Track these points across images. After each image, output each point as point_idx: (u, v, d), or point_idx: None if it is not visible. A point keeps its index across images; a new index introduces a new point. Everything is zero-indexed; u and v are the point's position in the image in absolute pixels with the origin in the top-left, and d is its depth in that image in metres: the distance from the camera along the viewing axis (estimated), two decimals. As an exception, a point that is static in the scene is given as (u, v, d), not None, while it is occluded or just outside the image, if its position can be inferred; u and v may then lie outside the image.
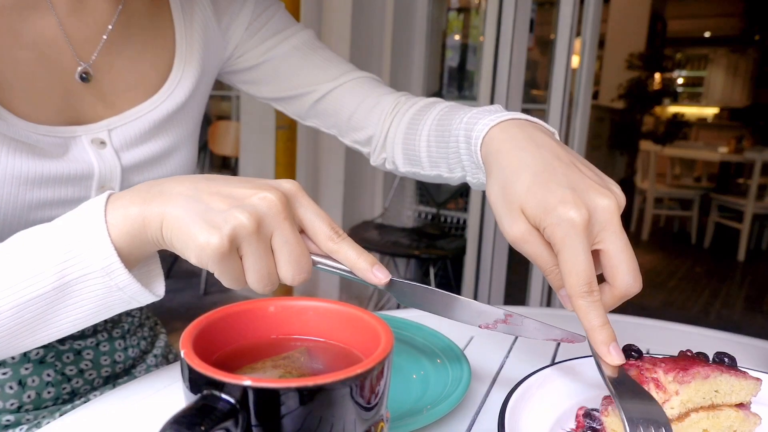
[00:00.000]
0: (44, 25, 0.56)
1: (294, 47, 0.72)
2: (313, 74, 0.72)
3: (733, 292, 3.79)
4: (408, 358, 0.59)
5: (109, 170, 0.59)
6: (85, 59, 0.59)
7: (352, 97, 0.71)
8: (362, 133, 0.72)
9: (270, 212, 0.39)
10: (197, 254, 0.38)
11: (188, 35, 0.66)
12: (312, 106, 0.73)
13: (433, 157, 0.64)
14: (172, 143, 0.65)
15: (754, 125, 7.31)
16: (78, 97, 0.59)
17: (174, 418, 0.25)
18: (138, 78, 0.63)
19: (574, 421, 0.46)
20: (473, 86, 2.94)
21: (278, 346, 0.35)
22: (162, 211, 0.40)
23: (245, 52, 0.73)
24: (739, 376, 0.44)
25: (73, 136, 0.58)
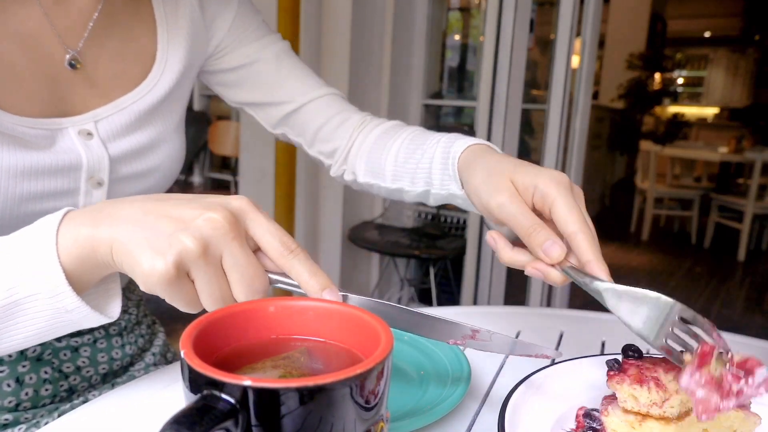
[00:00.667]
0: (28, 16, 0.56)
1: (275, 56, 0.74)
2: (291, 85, 0.73)
3: (733, 292, 3.79)
4: (408, 358, 0.59)
5: (97, 161, 0.60)
6: (72, 48, 0.59)
7: (323, 112, 0.74)
8: (328, 146, 0.75)
9: (216, 233, 0.38)
10: (144, 281, 0.38)
11: (171, 27, 0.67)
12: (285, 116, 0.74)
13: (398, 172, 0.68)
14: (158, 134, 0.65)
15: (754, 125, 7.30)
16: (64, 88, 0.59)
17: (174, 418, 0.25)
18: (122, 69, 0.63)
19: (574, 421, 0.46)
20: (473, 86, 2.94)
21: (278, 346, 0.35)
22: (110, 235, 0.39)
23: (226, 54, 0.73)
24: (739, 376, 0.44)
25: (60, 128, 0.58)
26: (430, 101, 2.85)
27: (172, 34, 0.67)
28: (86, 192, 0.60)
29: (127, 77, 0.63)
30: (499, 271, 2.54)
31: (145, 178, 0.65)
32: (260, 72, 0.73)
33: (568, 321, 0.74)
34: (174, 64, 0.66)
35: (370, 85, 2.64)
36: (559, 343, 0.68)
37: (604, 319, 0.75)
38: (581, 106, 2.39)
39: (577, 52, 2.32)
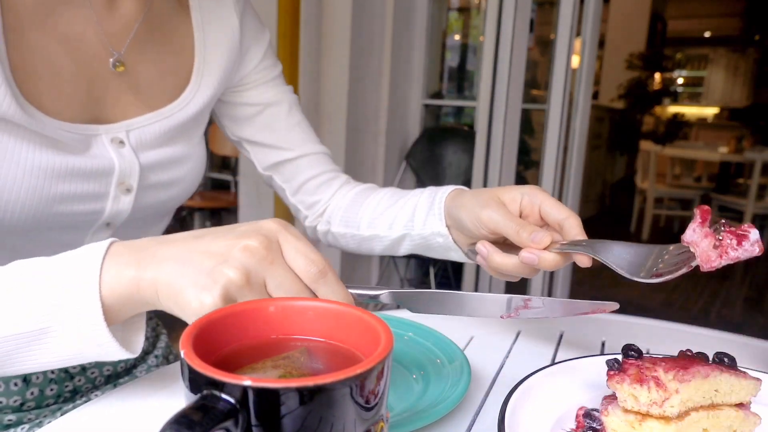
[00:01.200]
0: (76, 18, 0.58)
1: (289, 105, 0.77)
2: (295, 136, 0.77)
3: (733, 292, 3.79)
4: (408, 358, 0.59)
5: (128, 167, 0.62)
6: (116, 50, 0.61)
7: (315, 168, 0.78)
8: (310, 198, 0.79)
9: (255, 260, 0.39)
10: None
11: (209, 47, 0.69)
12: (281, 162, 0.77)
13: (375, 220, 0.72)
14: (185, 148, 0.68)
15: (754, 125, 7.30)
16: (102, 92, 0.61)
17: (174, 418, 0.25)
18: (159, 80, 0.65)
19: (574, 421, 0.46)
20: (473, 86, 2.94)
21: (278, 346, 0.35)
22: (155, 277, 0.40)
23: (248, 89, 0.75)
24: (739, 376, 0.44)
25: (95, 134, 0.60)
26: (430, 101, 2.85)
27: (210, 54, 0.69)
28: (115, 197, 0.62)
29: (162, 89, 0.65)
30: (499, 271, 2.54)
31: (171, 188, 0.67)
32: (274, 116, 0.76)
33: (568, 321, 0.74)
34: (208, 83, 0.68)
35: (370, 85, 2.64)
36: (559, 343, 0.68)
37: (604, 319, 0.75)
38: (581, 106, 2.39)
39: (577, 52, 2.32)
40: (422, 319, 0.65)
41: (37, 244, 0.60)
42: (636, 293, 3.67)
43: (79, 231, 0.62)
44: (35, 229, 0.58)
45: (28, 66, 0.55)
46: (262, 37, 0.76)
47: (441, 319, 0.72)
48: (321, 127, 2.64)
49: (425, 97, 2.83)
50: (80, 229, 0.62)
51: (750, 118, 7.53)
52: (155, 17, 0.64)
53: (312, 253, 0.41)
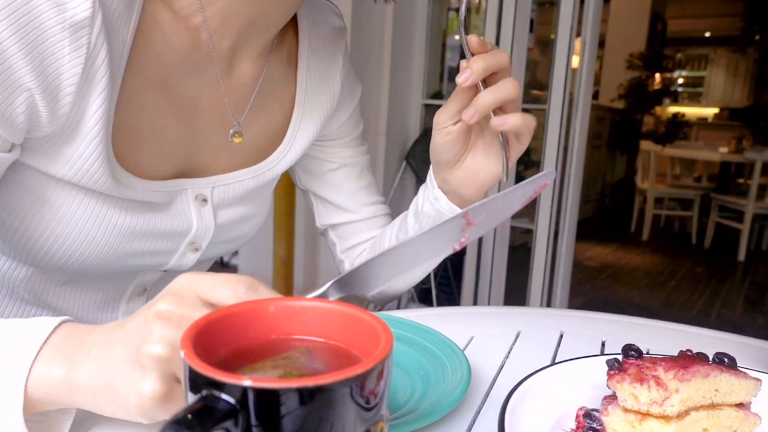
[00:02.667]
0: (202, 83, 0.57)
1: (362, 168, 0.77)
2: (360, 197, 0.77)
3: (733, 292, 3.79)
4: (408, 358, 0.59)
5: (205, 229, 0.62)
6: (236, 120, 0.61)
7: (371, 231, 0.78)
8: (359, 258, 0.78)
9: (172, 324, 0.35)
10: (142, 411, 0.35)
11: (308, 107, 0.68)
12: (340, 223, 0.77)
13: (393, 233, 0.72)
14: (260, 206, 0.68)
15: (754, 125, 7.29)
16: (202, 152, 0.60)
17: (174, 418, 0.25)
18: (255, 140, 0.64)
19: (574, 421, 0.46)
20: (473, 86, 2.93)
21: (278, 346, 0.35)
22: (87, 382, 0.37)
23: (329, 145, 0.74)
24: (739, 376, 0.44)
25: (181, 189, 0.59)
26: (430, 101, 2.85)
27: (307, 116, 0.68)
28: (182, 254, 0.62)
29: (257, 147, 0.65)
30: (499, 271, 2.54)
31: (236, 242, 0.68)
32: (346, 176, 0.76)
33: (568, 321, 0.74)
34: (300, 144, 0.68)
35: (370, 85, 2.64)
36: (559, 343, 0.68)
37: (604, 319, 0.75)
38: (581, 106, 2.39)
39: (577, 52, 2.32)
40: (423, 320, 0.65)
41: (92, 277, 0.61)
42: (636, 293, 3.67)
43: (136, 273, 0.63)
44: (95, 273, 0.59)
45: (136, 128, 0.54)
46: (355, 95, 0.75)
47: (441, 319, 0.72)
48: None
49: (425, 97, 2.83)
50: (136, 275, 0.63)
51: (750, 118, 7.53)
52: (269, 82, 0.63)
53: (233, 277, 0.38)
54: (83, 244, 0.54)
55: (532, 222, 2.54)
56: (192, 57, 0.55)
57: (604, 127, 5.95)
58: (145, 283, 0.66)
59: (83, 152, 0.50)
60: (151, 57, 0.53)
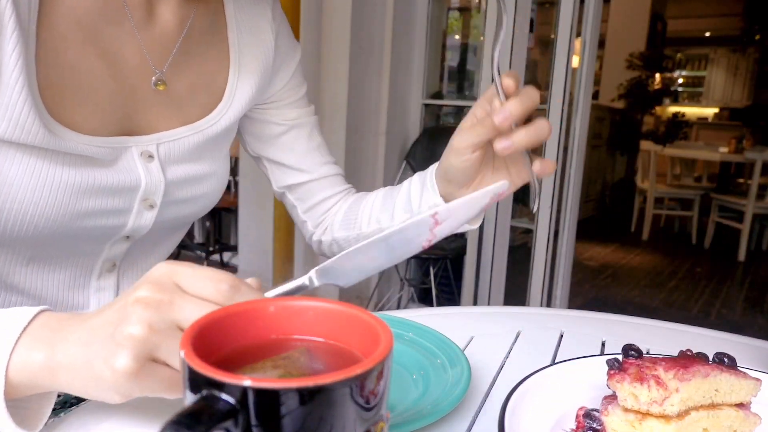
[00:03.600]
0: (119, 34, 0.58)
1: (311, 127, 0.78)
2: (313, 157, 0.78)
3: (733, 292, 3.79)
4: (408, 358, 0.59)
5: (154, 184, 0.62)
6: (158, 68, 0.62)
7: (329, 189, 0.79)
8: (320, 218, 0.80)
9: (151, 308, 0.36)
10: (116, 386, 0.36)
11: (243, 64, 0.69)
12: (297, 184, 0.78)
13: (374, 214, 0.73)
14: (211, 165, 0.68)
15: (754, 125, 7.29)
16: (137, 107, 0.61)
17: (174, 418, 0.25)
18: (193, 95, 0.65)
19: (574, 421, 0.46)
20: (473, 86, 2.94)
21: (278, 346, 0.35)
22: (66, 362, 0.38)
23: (273, 108, 0.76)
24: (739, 376, 0.44)
25: (125, 147, 0.60)
26: (430, 101, 2.85)
27: (244, 71, 0.69)
28: (138, 212, 0.62)
29: (197, 104, 0.66)
30: (499, 271, 2.54)
31: (193, 203, 0.68)
32: (296, 138, 0.77)
33: (568, 321, 0.74)
34: (240, 99, 0.69)
35: (370, 85, 2.64)
36: (559, 343, 0.68)
37: (604, 319, 0.75)
38: (581, 106, 2.39)
39: (577, 52, 2.32)
40: (423, 319, 0.65)
41: (55, 252, 0.61)
42: (636, 293, 3.67)
43: (98, 242, 0.63)
44: (55, 242, 0.58)
45: (62, 83, 0.55)
46: (294, 56, 0.76)
47: (441, 319, 0.72)
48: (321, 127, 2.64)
49: (425, 97, 2.83)
50: (100, 242, 0.63)
51: (750, 118, 7.53)
52: (194, 35, 0.65)
53: (216, 274, 0.38)
54: (31, 205, 0.54)
55: (532, 222, 2.54)
56: (107, 7, 0.57)
57: (604, 127, 5.95)
58: (113, 257, 0.65)
59: (8, 102, 0.50)
60: (63, 11, 0.54)
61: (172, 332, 0.36)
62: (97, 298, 0.66)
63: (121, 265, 0.67)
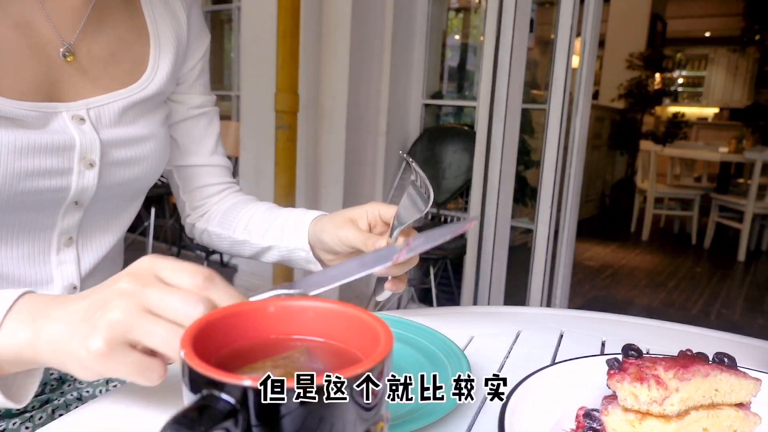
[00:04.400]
0: (24, 7, 0.61)
1: (211, 117, 0.83)
2: (207, 144, 0.82)
3: (733, 292, 3.79)
4: (408, 358, 0.59)
5: (89, 142, 0.64)
6: (66, 40, 0.64)
7: (212, 178, 0.83)
8: (198, 202, 0.84)
9: (128, 296, 0.39)
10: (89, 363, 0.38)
11: (162, 38, 0.73)
12: (184, 165, 0.82)
13: (248, 227, 0.78)
14: (146, 128, 0.70)
15: (754, 125, 7.29)
16: (58, 76, 0.63)
17: (174, 418, 0.25)
18: (115, 67, 0.69)
19: (574, 421, 0.46)
20: (473, 86, 2.94)
21: (278, 346, 0.35)
22: (47, 338, 0.40)
23: (182, 89, 0.79)
24: (739, 376, 0.44)
25: (55, 112, 0.62)
26: (430, 101, 2.85)
27: (163, 43, 0.73)
28: (79, 172, 0.63)
29: (119, 74, 0.69)
30: (499, 271, 2.54)
31: (135, 166, 0.69)
32: (195, 124, 0.81)
33: (568, 321, 0.74)
34: (163, 69, 0.73)
35: (370, 85, 2.64)
36: (559, 343, 0.68)
37: (604, 319, 0.75)
38: (581, 106, 2.39)
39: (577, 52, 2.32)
40: (422, 319, 0.65)
41: (10, 225, 0.62)
42: (636, 293, 3.67)
43: (49, 211, 0.64)
44: (5, 210, 0.60)
45: None
46: (204, 41, 0.80)
47: (441, 319, 0.72)
48: (321, 127, 2.64)
49: (425, 97, 2.83)
50: (50, 209, 0.64)
51: (750, 118, 7.53)
52: (104, 8, 0.67)
53: (192, 266, 0.41)
54: None
55: (532, 222, 2.54)
56: None
57: (604, 127, 5.95)
58: (68, 229, 0.67)
59: None
60: None
61: (146, 317, 0.38)
62: (60, 272, 0.67)
63: (78, 239, 0.69)
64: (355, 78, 2.55)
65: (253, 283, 3.09)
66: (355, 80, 2.56)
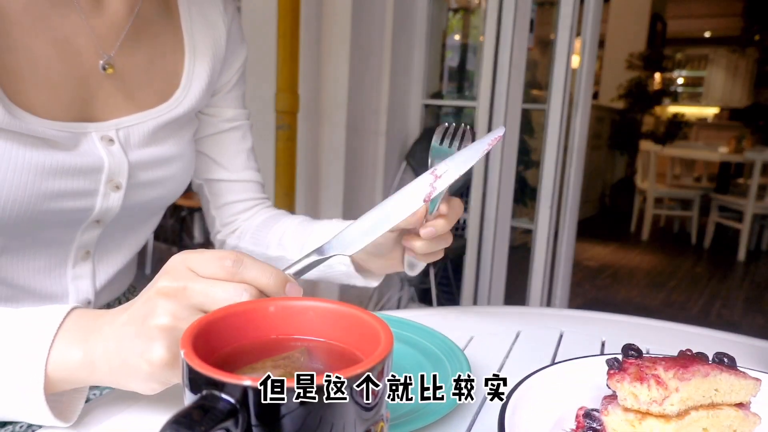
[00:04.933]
0: (66, 20, 0.60)
1: (244, 131, 0.80)
2: (240, 160, 0.80)
3: (733, 292, 3.79)
4: (408, 358, 0.59)
5: (117, 165, 0.62)
6: (106, 53, 0.63)
7: (244, 194, 0.81)
8: (229, 218, 0.81)
9: (170, 297, 0.39)
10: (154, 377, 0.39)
11: (198, 50, 0.71)
12: (216, 179, 0.80)
13: (282, 243, 0.74)
14: (175, 148, 0.69)
15: (754, 125, 7.29)
16: (93, 92, 0.62)
17: (174, 418, 0.25)
18: (149, 81, 0.67)
19: (574, 421, 0.46)
20: (473, 86, 2.94)
21: (278, 346, 0.35)
22: (103, 359, 0.41)
23: (216, 102, 0.77)
24: (739, 376, 0.44)
25: (84, 132, 0.61)
26: (430, 101, 2.85)
27: (199, 58, 0.71)
28: (104, 194, 0.62)
29: (153, 90, 0.67)
30: (499, 271, 2.54)
31: (160, 186, 0.68)
32: (229, 137, 0.79)
33: (568, 321, 0.74)
34: (197, 86, 0.70)
35: (370, 85, 2.64)
36: (559, 343, 0.68)
37: (604, 319, 0.75)
38: (581, 106, 2.39)
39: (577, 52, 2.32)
40: (423, 319, 0.65)
41: (29, 241, 0.61)
42: (636, 293, 3.67)
43: (69, 228, 0.63)
44: (27, 228, 0.59)
45: (17, 68, 0.56)
46: (241, 54, 0.78)
47: (441, 319, 0.72)
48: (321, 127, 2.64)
49: (425, 97, 2.83)
50: (71, 227, 0.63)
51: (750, 118, 7.52)
52: (144, 20, 0.66)
53: (220, 252, 0.41)
54: None
55: (532, 222, 2.54)
56: None
57: (604, 127, 5.95)
58: (85, 244, 0.66)
59: None
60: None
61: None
62: (75, 286, 0.67)
63: (95, 253, 0.68)
64: (355, 78, 2.55)
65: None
66: (355, 80, 2.56)
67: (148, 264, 3.38)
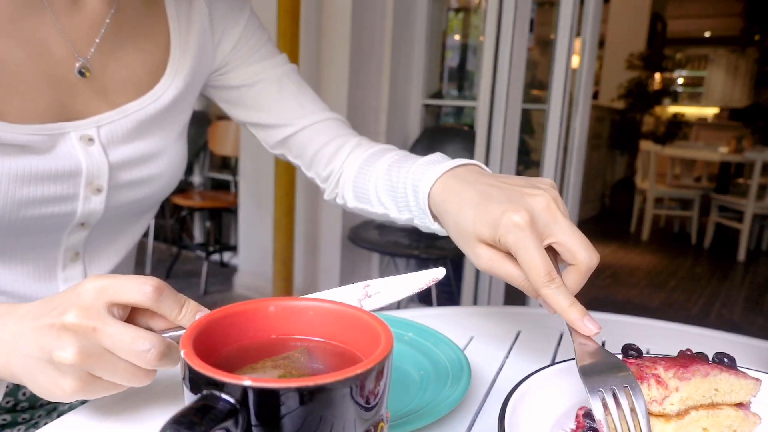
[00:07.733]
0: (40, 23, 0.57)
1: (278, 78, 0.74)
2: (291, 108, 0.73)
3: (733, 292, 3.79)
4: (408, 358, 0.59)
5: (96, 167, 0.60)
6: (82, 55, 0.60)
7: (321, 137, 0.73)
8: (324, 170, 0.74)
9: (78, 335, 0.38)
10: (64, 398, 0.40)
11: (183, 40, 0.67)
12: (284, 138, 0.74)
13: (381, 199, 0.67)
14: (160, 143, 0.66)
15: (754, 125, 7.29)
16: (70, 93, 0.59)
17: (174, 418, 0.25)
18: (130, 76, 0.64)
19: (574, 421, 0.46)
20: (473, 86, 2.94)
21: (278, 346, 0.35)
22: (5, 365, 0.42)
23: (230, 71, 0.73)
24: (739, 376, 0.44)
25: (62, 133, 0.58)
26: (430, 101, 2.85)
27: (184, 47, 0.67)
28: (85, 198, 0.60)
29: (134, 85, 0.64)
30: (499, 271, 2.54)
31: (146, 186, 0.65)
32: (261, 93, 0.73)
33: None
34: (182, 74, 0.67)
35: (370, 85, 2.64)
36: (559, 343, 0.68)
37: (604, 319, 0.75)
38: (581, 106, 2.39)
39: (577, 52, 2.32)
40: (423, 320, 0.65)
41: (15, 245, 0.60)
42: (636, 293, 3.67)
43: (53, 233, 0.62)
44: (9, 234, 0.58)
45: None
46: (238, 17, 0.72)
47: (441, 319, 0.72)
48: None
49: (425, 97, 2.83)
50: (54, 231, 0.61)
51: (750, 118, 7.52)
52: (125, 16, 0.63)
53: (141, 279, 0.40)
54: None
55: (532, 222, 2.53)
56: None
57: (604, 127, 5.95)
58: (73, 246, 0.64)
59: None
60: None
61: (103, 355, 0.39)
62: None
63: (85, 254, 0.66)
64: (355, 78, 2.55)
65: (253, 282, 3.09)
66: (355, 80, 2.56)
67: (147, 264, 3.38)
